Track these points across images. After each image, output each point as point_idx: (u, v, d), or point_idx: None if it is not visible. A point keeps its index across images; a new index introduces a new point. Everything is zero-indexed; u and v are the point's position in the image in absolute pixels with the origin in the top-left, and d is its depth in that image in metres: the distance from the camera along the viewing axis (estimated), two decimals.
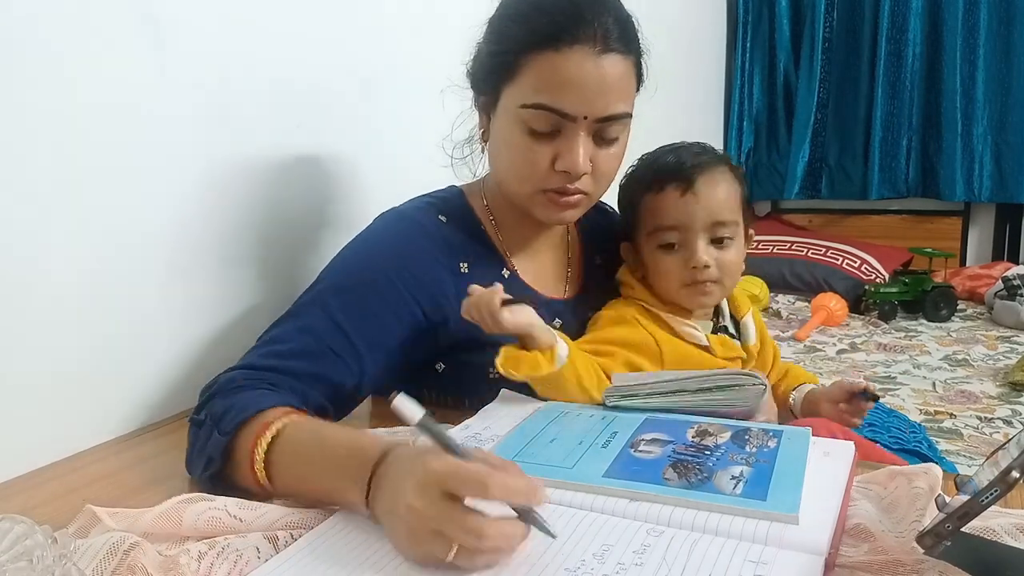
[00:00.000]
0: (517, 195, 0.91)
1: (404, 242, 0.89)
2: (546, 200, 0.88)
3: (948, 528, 0.51)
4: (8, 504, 0.72)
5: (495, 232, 0.97)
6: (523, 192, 0.89)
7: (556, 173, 0.86)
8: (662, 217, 0.96)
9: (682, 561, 0.55)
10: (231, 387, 0.75)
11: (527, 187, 0.88)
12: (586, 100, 0.82)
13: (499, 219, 0.97)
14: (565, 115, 0.83)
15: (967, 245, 3.56)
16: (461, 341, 0.90)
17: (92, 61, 0.89)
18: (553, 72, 0.81)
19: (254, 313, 1.15)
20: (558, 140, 0.85)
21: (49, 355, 0.87)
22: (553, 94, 0.82)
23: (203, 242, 1.06)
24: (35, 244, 0.85)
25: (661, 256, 0.97)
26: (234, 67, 1.08)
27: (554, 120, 0.83)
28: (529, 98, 0.83)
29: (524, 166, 0.86)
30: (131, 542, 0.57)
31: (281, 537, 0.61)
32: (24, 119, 0.83)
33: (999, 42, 3.28)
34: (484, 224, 0.96)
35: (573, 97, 0.82)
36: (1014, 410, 1.94)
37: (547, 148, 0.85)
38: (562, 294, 1.01)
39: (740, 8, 3.68)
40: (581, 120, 0.83)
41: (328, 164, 1.27)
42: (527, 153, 0.85)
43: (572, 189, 0.87)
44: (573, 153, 0.84)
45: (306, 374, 0.79)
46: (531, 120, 0.84)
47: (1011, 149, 3.31)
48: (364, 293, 0.85)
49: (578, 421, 0.79)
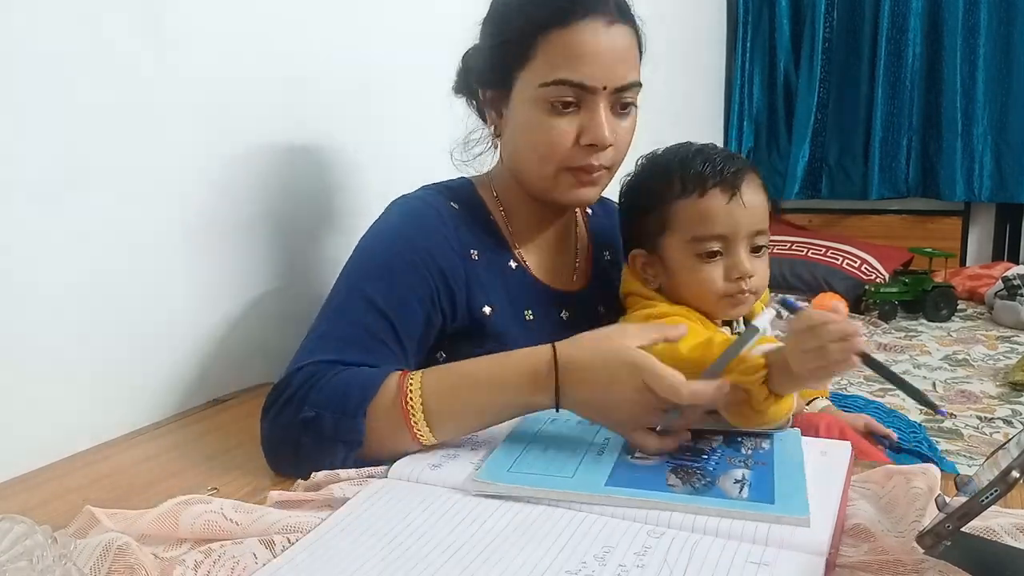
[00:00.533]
0: (540, 178, 0.91)
1: (420, 227, 0.90)
2: (571, 178, 0.89)
3: (948, 528, 0.51)
4: (8, 504, 0.72)
5: (505, 223, 0.97)
6: (547, 173, 0.89)
7: (581, 149, 0.87)
8: (707, 224, 0.89)
9: (683, 563, 0.55)
10: (319, 380, 0.76)
11: (550, 167, 0.88)
12: (604, 70, 0.84)
13: (509, 211, 0.97)
14: (585, 87, 0.84)
15: (967, 245, 3.56)
16: (463, 329, 0.90)
17: (93, 57, 0.89)
18: (569, 47, 0.84)
19: (257, 312, 1.15)
20: (580, 115, 0.86)
21: (49, 356, 0.87)
22: (572, 67, 0.84)
23: (204, 245, 1.06)
24: (35, 244, 0.85)
25: (700, 265, 0.90)
26: (237, 62, 1.09)
27: (575, 93, 0.85)
28: (548, 75, 0.84)
29: (548, 145, 0.87)
30: (123, 542, 0.57)
31: (278, 541, 0.61)
32: (26, 117, 0.83)
33: (999, 42, 3.28)
34: (494, 214, 0.97)
35: (592, 68, 0.84)
36: (1014, 410, 1.94)
37: (570, 124, 0.86)
38: (570, 286, 1.01)
39: (740, 8, 3.68)
40: (601, 91, 0.85)
41: (332, 157, 1.27)
42: (551, 132, 0.86)
43: (596, 165, 0.88)
44: (598, 124, 0.85)
45: (366, 365, 0.80)
46: (552, 97, 0.85)
47: (1011, 149, 3.31)
48: (398, 281, 0.85)
49: (566, 429, 0.79)
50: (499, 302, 0.91)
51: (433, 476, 0.71)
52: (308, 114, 1.22)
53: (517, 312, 0.93)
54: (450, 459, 0.74)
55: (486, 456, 0.73)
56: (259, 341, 1.16)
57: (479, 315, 0.89)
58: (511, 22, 0.88)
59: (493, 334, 0.90)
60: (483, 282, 0.91)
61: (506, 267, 0.94)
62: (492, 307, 0.91)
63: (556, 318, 0.97)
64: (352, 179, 1.31)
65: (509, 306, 0.93)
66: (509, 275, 0.94)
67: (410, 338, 0.85)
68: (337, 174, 1.29)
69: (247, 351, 1.14)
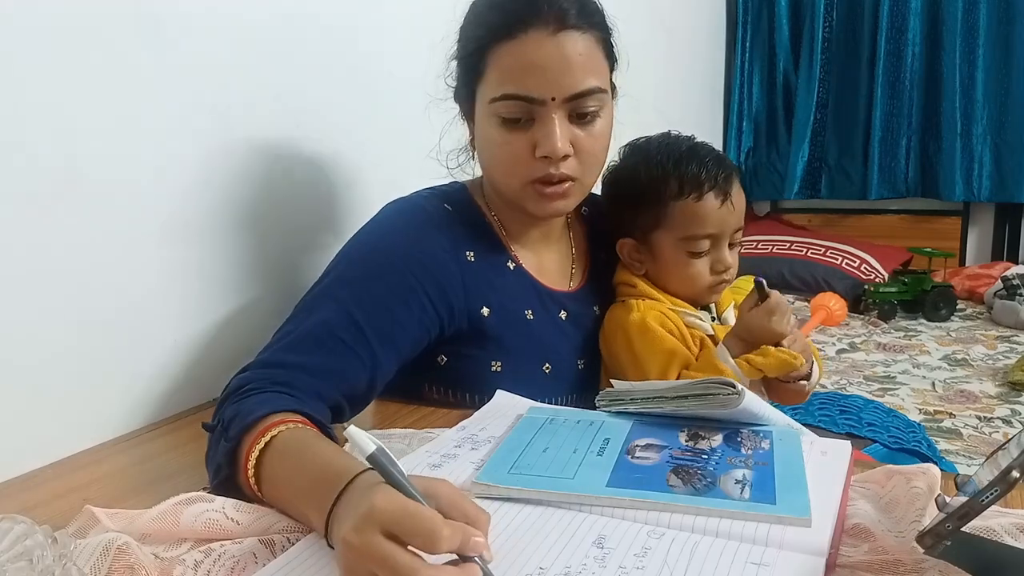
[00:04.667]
0: (507, 192, 0.91)
1: (411, 230, 0.89)
2: (535, 192, 0.88)
3: (948, 528, 0.51)
4: (8, 504, 0.72)
5: (499, 226, 0.97)
6: (512, 187, 0.89)
7: (538, 161, 0.85)
8: (701, 225, 0.98)
9: (683, 563, 0.55)
10: (241, 392, 0.74)
11: (514, 181, 0.88)
12: (550, 81, 0.83)
13: (500, 215, 0.97)
14: (532, 100, 0.83)
15: (966, 245, 3.56)
16: (464, 332, 0.90)
17: (90, 59, 0.89)
18: (512, 60, 0.83)
19: (253, 312, 1.15)
20: (533, 128, 0.85)
21: (49, 355, 0.87)
22: (516, 81, 0.83)
23: (204, 244, 1.06)
24: (33, 244, 0.85)
25: (690, 260, 1.00)
26: (235, 67, 1.09)
27: (524, 107, 0.84)
28: (496, 91, 0.84)
29: (506, 160, 0.87)
30: (123, 541, 0.57)
31: (278, 541, 0.61)
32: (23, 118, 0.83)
33: (999, 42, 3.28)
34: (487, 217, 0.96)
35: (536, 80, 0.82)
36: (1014, 410, 1.94)
37: (524, 138, 0.85)
38: (567, 287, 1.00)
39: (740, 8, 3.68)
40: (550, 102, 0.83)
41: (330, 159, 1.27)
42: (505, 146, 0.86)
43: (557, 176, 0.86)
44: (549, 136, 0.84)
45: (320, 369, 0.78)
46: (502, 111, 0.84)
47: (1010, 149, 3.31)
48: (375, 283, 0.84)
49: (565, 428, 0.78)
50: (497, 303, 0.91)
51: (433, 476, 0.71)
52: (306, 116, 1.22)
53: (518, 311, 0.93)
54: (450, 459, 0.74)
55: (486, 456, 0.73)
56: (258, 341, 1.15)
57: (477, 316, 0.88)
58: (465, 38, 0.89)
59: (493, 335, 0.89)
60: (480, 283, 0.90)
61: (504, 267, 0.94)
62: (490, 308, 0.90)
63: (555, 318, 0.97)
64: (350, 180, 1.31)
65: (509, 306, 0.92)
66: (508, 275, 0.94)
67: (385, 342, 0.82)
68: (335, 175, 1.29)
69: (246, 351, 1.13)
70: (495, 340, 0.89)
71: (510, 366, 0.92)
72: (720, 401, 0.72)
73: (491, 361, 0.89)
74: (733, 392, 0.72)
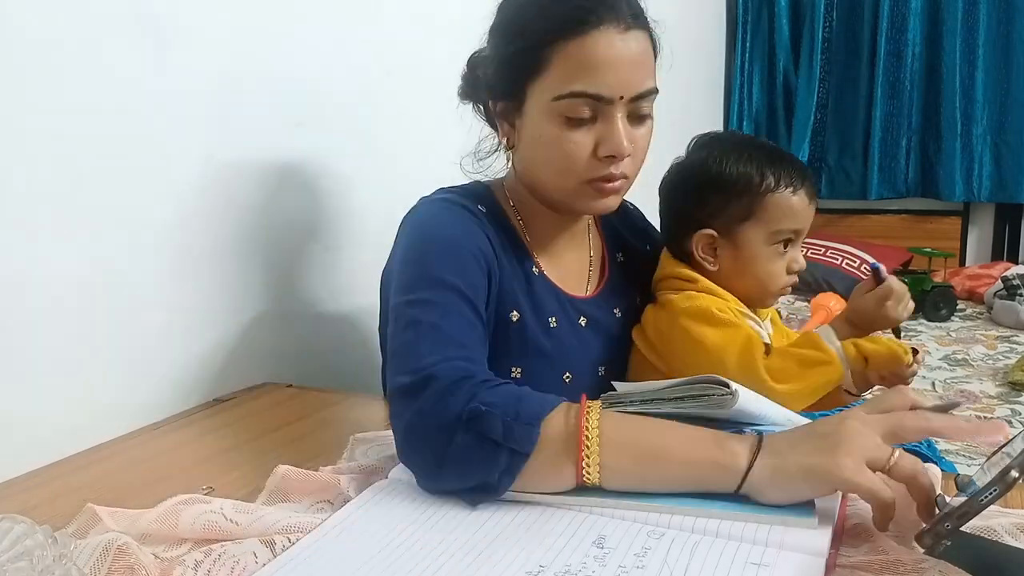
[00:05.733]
0: (558, 191, 0.88)
1: (463, 225, 0.87)
2: (591, 190, 0.86)
3: (947, 527, 0.52)
4: (8, 504, 0.72)
5: (522, 229, 0.95)
6: (566, 187, 0.87)
7: (599, 161, 0.84)
8: (794, 219, 0.97)
9: (683, 563, 0.55)
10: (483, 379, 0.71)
11: (571, 181, 0.86)
12: (620, 80, 0.81)
13: (525, 218, 0.95)
14: (602, 98, 0.81)
15: (966, 245, 3.56)
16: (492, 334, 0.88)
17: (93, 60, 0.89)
18: (584, 57, 0.80)
19: (255, 314, 1.15)
20: (596, 126, 0.83)
21: (49, 356, 0.88)
22: (587, 79, 0.80)
23: (205, 244, 1.06)
24: (34, 244, 0.85)
25: (773, 256, 0.98)
26: (235, 67, 1.09)
27: (591, 105, 0.82)
28: (562, 88, 0.81)
29: (565, 159, 0.84)
30: (123, 541, 0.57)
31: (278, 541, 0.61)
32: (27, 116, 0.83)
33: (999, 42, 3.28)
34: (512, 221, 0.94)
35: (608, 78, 0.81)
36: (1014, 410, 1.94)
37: (586, 136, 0.83)
38: (584, 292, 0.99)
39: (740, 8, 3.68)
40: (617, 101, 0.82)
41: (331, 163, 1.27)
42: (567, 145, 0.83)
43: (616, 175, 0.85)
44: (616, 135, 0.82)
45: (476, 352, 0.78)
46: (567, 110, 0.82)
47: (1010, 149, 3.31)
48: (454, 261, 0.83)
49: None
50: (524, 309, 0.90)
51: None
52: (308, 118, 1.22)
53: (542, 319, 0.91)
54: None
55: None
56: (259, 341, 1.16)
57: (505, 320, 0.86)
58: (522, 32, 0.84)
59: (517, 341, 0.87)
60: (512, 287, 0.89)
61: (529, 273, 0.92)
62: (519, 313, 0.89)
63: (576, 325, 0.95)
64: (352, 183, 1.31)
65: (535, 313, 0.91)
66: (532, 281, 0.92)
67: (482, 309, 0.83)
68: (337, 176, 1.29)
69: (247, 351, 1.14)
70: (519, 346, 0.88)
71: (530, 373, 0.90)
72: (715, 402, 0.72)
73: (511, 367, 0.88)
74: (727, 392, 0.71)
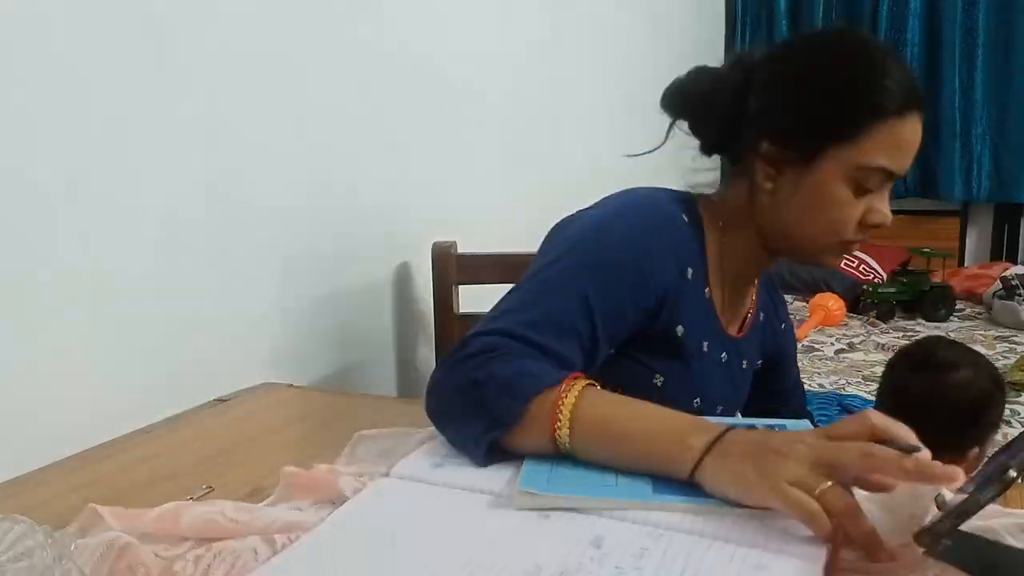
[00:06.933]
0: (812, 244, 0.92)
1: (654, 228, 0.88)
2: (841, 249, 0.93)
3: (945, 526, 0.52)
4: (8, 504, 0.72)
5: (715, 252, 0.96)
6: (824, 243, 0.92)
7: (863, 228, 0.90)
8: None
9: (680, 565, 0.55)
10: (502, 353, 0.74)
11: (833, 239, 0.91)
12: (909, 163, 0.88)
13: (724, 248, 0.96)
14: (894, 175, 0.88)
15: (965, 245, 3.57)
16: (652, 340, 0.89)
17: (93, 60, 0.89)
18: (901, 139, 0.85)
19: (255, 314, 1.15)
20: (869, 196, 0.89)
21: (49, 356, 0.88)
22: (894, 158, 0.86)
23: (205, 244, 1.06)
24: (35, 244, 0.85)
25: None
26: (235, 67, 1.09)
27: (882, 179, 0.88)
28: (872, 160, 0.85)
29: (841, 221, 0.89)
30: (125, 541, 0.57)
31: (279, 540, 0.61)
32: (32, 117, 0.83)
33: (998, 43, 3.29)
34: (708, 240, 0.95)
35: (906, 160, 0.87)
36: (1013, 410, 1.94)
37: (862, 204, 0.89)
38: (736, 332, 1.01)
39: (739, 8, 3.68)
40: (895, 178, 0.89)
41: (333, 161, 1.27)
42: (848, 209, 0.88)
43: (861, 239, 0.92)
44: (886, 209, 0.90)
45: (552, 350, 0.78)
46: (864, 179, 0.87)
47: (1010, 149, 3.31)
48: (613, 274, 0.84)
49: None
50: (690, 325, 0.91)
51: (435, 476, 0.71)
52: (309, 118, 1.22)
53: (699, 340, 0.93)
54: (452, 459, 0.74)
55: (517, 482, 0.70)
56: (259, 341, 1.16)
57: (672, 331, 0.88)
58: (842, 99, 0.86)
59: (675, 352, 0.90)
60: (688, 302, 0.90)
61: (703, 293, 0.94)
62: (684, 328, 0.90)
63: (718, 358, 0.97)
64: (354, 183, 1.31)
65: (696, 332, 0.92)
66: (703, 302, 0.94)
67: (607, 342, 0.84)
68: (339, 177, 1.29)
69: (247, 351, 1.14)
70: (671, 357, 0.89)
71: (671, 385, 0.91)
72: None
73: (657, 373, 0.90)
74: None
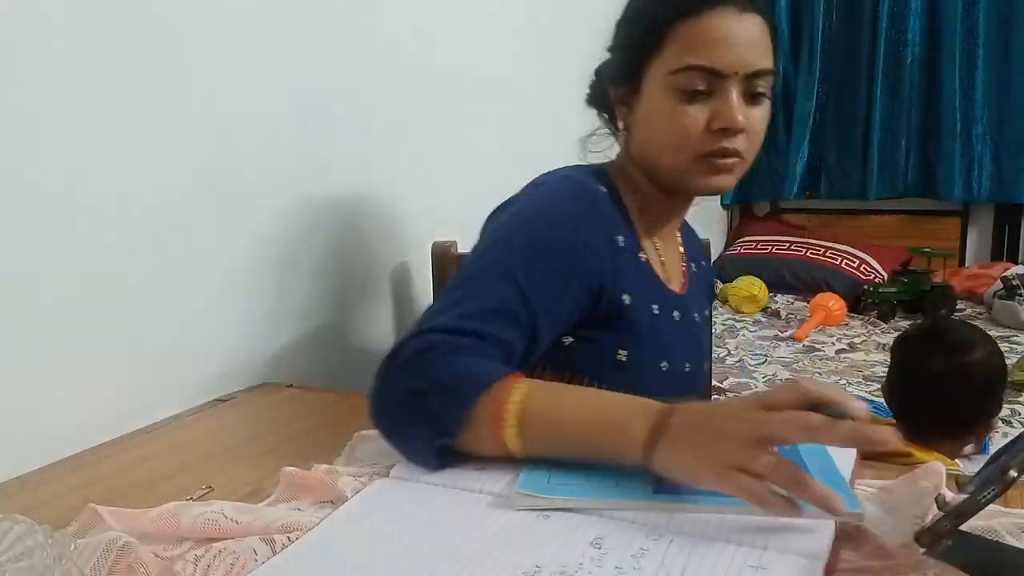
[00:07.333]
0: (672, 168, 0.91)
1: (578, 206, 0.89)
2: (705, 166, 0.89)
3: (946, 526, 0.51)
4: (8, 504, 0.72)
5: (638, 215, 0.97)
6: (679, 161, 0.90)
7: (712, 134, 0.87)
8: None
9: (680, 565, 0.55)
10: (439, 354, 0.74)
11: (684, 155, 0.89)
12: (735, 56, 0.85)
13: (642, 203, 0.98)
14: (716, 72, 0.85)
15: (966, 245, 3.56)
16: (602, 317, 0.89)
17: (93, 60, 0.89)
18: (700, 34, 0.85)
19: (255, 314, 1.15)
20: (711, 101, 0.87)
21: (49, 356, 0.88)
22: (702, 53, 0.85)
23: (205, 245, 1.06)
24: (35, 244, 0.85)
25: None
26: (236, 66, 1.09)
27: (707, 79, 0.86)
28: (679, 62, 0.86)
29: (679, 132, 0.88)
30: (124, 541, 0.57)
31: (279, 540, 0.61)
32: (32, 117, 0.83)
33: (998, 42, 3.29)
34: (628, 205, 0.97)
35: (722, 53, 0.85)
36: (1014, 410, 1.94)
37: (701, 111, 0.87)
38: (676, 289, 1.01)
39: None
40: (732, 76, 0.86)
41: (334, 161, 1.27)
42: (682, 117, 0.87)
43: (730, 150, 0.88)
44: (729, 107, 0.86)
45: (491, 336, 0.78)
46: (683, 83, 0.86)
47: (1010, 149, 3.31)
48: (544, 257, 0.85)
49: None
50: (636, 292, 0.91)
51: (435, 476, 0.71)
52: (310, 118, 1.22)
53: (647, 304, 0.93)
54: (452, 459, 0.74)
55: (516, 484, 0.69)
56: (259, 341, 1.16)
57: (619, 303, 0.88)
58: (642, 18, 0.90)
59: (628, 322, 0.90)
60: (626, 270, 0.91)
61: (637, 258, 0.94)
62: (631, 296, 0.90)
63: (671, 317, 0.96)
64: (353, 184, 1.31)
65: (642, 297, 0.92)
66: (640, 266, 0.94)
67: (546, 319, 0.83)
68: (338, 178, 1.29)
69: (247, 351, 1.14)
70: (627, 329, 0.89)
71: (634, 356, 0.91)
72: None
73: (618, 348, 0.90)
74: None
